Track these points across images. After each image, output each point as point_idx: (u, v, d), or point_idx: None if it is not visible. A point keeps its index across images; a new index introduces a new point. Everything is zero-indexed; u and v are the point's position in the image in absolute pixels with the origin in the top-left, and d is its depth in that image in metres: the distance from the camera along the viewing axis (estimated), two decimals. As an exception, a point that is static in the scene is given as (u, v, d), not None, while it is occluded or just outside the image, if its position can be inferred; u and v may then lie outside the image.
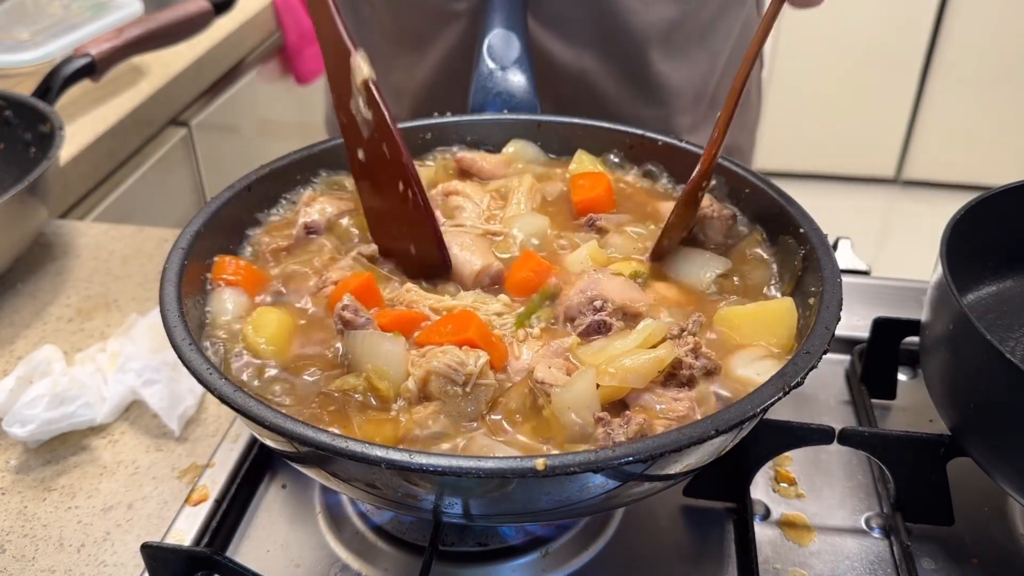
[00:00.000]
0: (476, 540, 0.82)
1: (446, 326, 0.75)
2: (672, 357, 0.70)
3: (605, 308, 0.77)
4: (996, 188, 0.89)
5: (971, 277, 0.93)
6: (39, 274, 1.22)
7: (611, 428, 0.65)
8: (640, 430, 0.64)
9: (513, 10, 1.09)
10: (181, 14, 1.53)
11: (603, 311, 0.76)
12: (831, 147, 3.66)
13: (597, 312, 0.76)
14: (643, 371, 0.69)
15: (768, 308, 0.79)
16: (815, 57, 3.48)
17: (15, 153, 1.27)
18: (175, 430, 0.95)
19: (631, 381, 0.69)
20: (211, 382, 0.66)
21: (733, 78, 0.83)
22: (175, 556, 0.76)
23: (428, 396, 0.71)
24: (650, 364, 0.69)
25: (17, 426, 0.92)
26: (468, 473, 0.58)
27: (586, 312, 0.77)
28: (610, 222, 0.92)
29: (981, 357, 0.72)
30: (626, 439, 0.64)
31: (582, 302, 0.77)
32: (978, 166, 3.55)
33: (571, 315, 0.78)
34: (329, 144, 0.99)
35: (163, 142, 1.79)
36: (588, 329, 0.76)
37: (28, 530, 0.86)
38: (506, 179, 0.99)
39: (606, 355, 0.71)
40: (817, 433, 0.82)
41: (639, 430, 0.64)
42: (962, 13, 3.35)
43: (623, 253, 0.89)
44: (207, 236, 0.84)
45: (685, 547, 0.84)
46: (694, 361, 0.71)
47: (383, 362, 0.71)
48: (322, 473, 0.69)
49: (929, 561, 0.81)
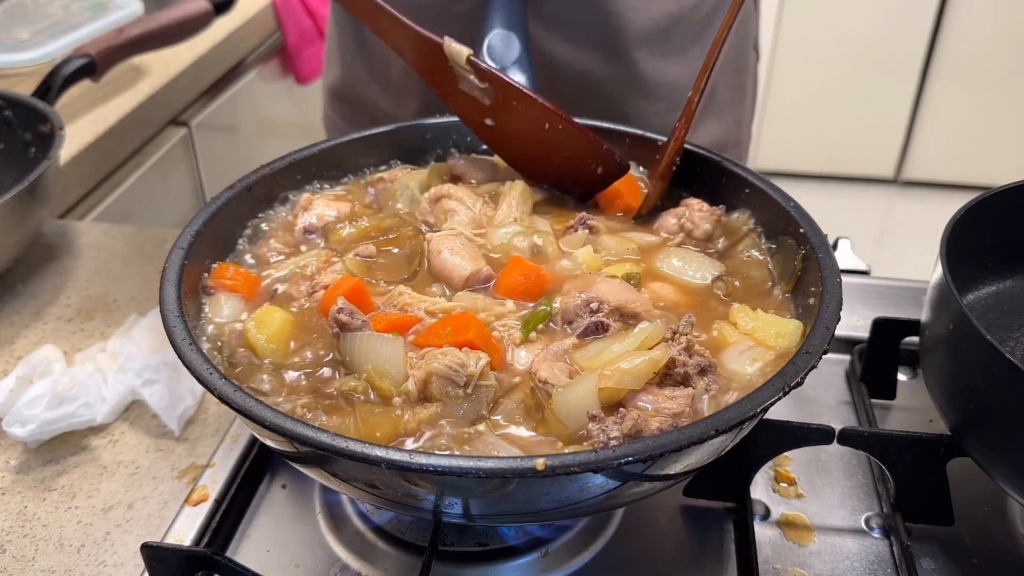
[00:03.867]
0: (476, 540, 0.82)
1: (445, 327, 0.75)
2: (667, 358, 0.70)
3: (602, 309, 0.77)
4: (996, 188, 0.89)
5: (971, 277, 0.93)
6: (39, 274, 1.22)
7: (605, 424, 0.66)
8: (635, 425, 0.65)
9: (513, 10, 1.09)
10: (181, 14, 1.53)
11: (600, 312, 0.77)
12: (831, 147, 3.66)
13: (594, 314, 0.77)
14: (639, 372, 0.69)
15: (780, 322, 0.79)
16: (815, 57, 3.48)
17: (15, 153, 1.27)
18: (175, 430, 0.95)
19: (628, 383, 0.69)
20: (211, 382, 0.66)
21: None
22: (175, 556, 0.76)
23: (428, 397, 0.71)
24: (646, 365, 0.70)
25: (17, 426, 0.92)
26: (468, 473, 0.58)
27: (583, 314, 0.77)
28: (599, 221, 0.93)
29: (981, 357, 0.72)
30: (620, 434, 0.65)
31: (579, 304, 0.78)
32: (978, 166, 3.55)
33: (568, 317, 0.78)
34: (329, 144, 0.99)
35: (163, 142, 1.79)
36: (586, 330, 0.76)
37: (28, 530, 0.86)
38: (497, 183, 0.99)
39: (603, 359, 0.72)
40: (817, 433, 0.82)
41: (633, 425, 0.65)
42: (962, 13, 3.35)
43: (617, 254, 0.89)
44: (207, 236, 0.84)
45: (685, 547, 0.84)
46: (688, 359, 0.71)
47: (383, 361, 0.71)
48: (322, 473, 0.69)
49: (929, 561, 0.81)
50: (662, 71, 1.26)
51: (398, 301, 0.81)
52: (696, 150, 0.96)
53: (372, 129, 1.02)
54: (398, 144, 1.04)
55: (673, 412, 0.68)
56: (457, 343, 0.73)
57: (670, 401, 0.69)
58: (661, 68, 1.26)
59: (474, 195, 0.96)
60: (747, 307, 0.80)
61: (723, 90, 1.36)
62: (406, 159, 1.04)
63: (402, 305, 0.80)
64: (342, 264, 0.86)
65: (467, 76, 0.92)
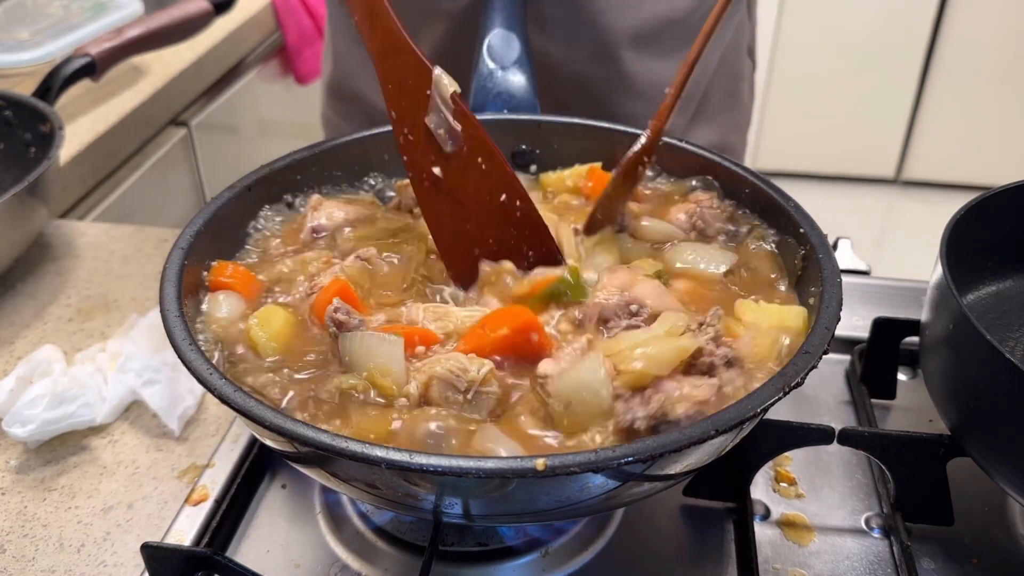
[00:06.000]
0: (476, 540, 0.82)
1: (495, 323, 0.74)
2: (696, 346, 0.69)
3: (641, 313, 0.74)
4: (996, 188, 0.89)
5: (971, 277, 0.93)
6: (39, 274, 1.22)
7: (631, 404, 0.65)
8: (661, 408, 0.64)
9: (513, 10, 1.09)
10: (181, 14, 1.53)
11: (639, 316, 0.74)
12: (831, 147, 3.66)
13: (633, 316, 0.74)
14: (667, 359, 0.68)
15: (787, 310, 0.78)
16: (815, 57, 3.48)
17: (15, 153, 1.27)
18: (175, 430, 0.95)
19: (654, 368, 0.68)
20: (211, 382, 0.66)
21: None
22: (175, 556, 0.76)
23: (429, 401, 0.70)
24: (674, 352, 0.68)
25: (17, 426, 0.92)
26: (468, 473, 0.58)
27: (622, 315, 0.75)
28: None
29: (981, 357, 0.72)
30: (646, 415, 0.64)
31: (619, 304, 0.75)
32: (978, 166, 3.55)
33: (605, 316, 0.75)
34: (329, 144, 0.99)
35: (163, 142, 1.79)
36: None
37: (28, 530, 0.86)
38: None
39: (629, 342, 0.70)
40: (817, 433, 0.82)
41: (660, 408, 0.64)
42: (962, 13, 3.35)
43: (636, 251, 0.88)
44: (207, 236, 0.84)
45: (685, 547, 0.84)
46: (715, 349, 0.70)
47: (384, 360, 0.71)
48: (322, 473, 0.69)
49: (929, 561, 0.81)
50: (654, 73, 1.26)
51: (407, 315, 0.79)
52: (696, 149, 0.95)
53: (372, 129, 1.02)
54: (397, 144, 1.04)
55: (700, 400, 0.66)
56: (512, 328, 0.72)
57: (696, 389, 0.67)
58: (653, 70, 1.26)
59: None
60: (750, 302, 0.80)
61: (717, 96, 1.36)
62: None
63: (410, 320, 0.78)
64: (339, 267, 0.86)
65: (441, 111, 0.81)
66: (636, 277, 0.78)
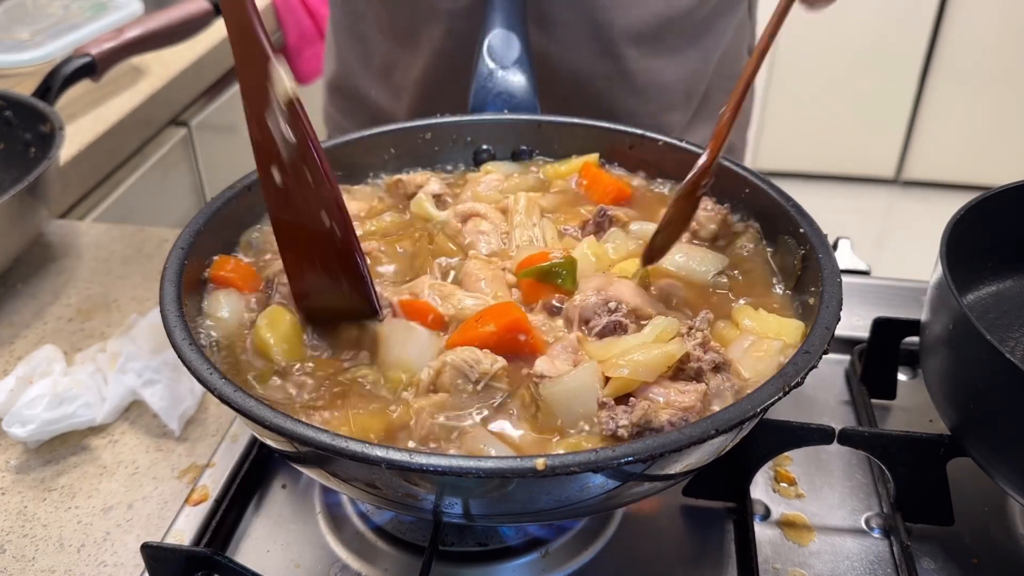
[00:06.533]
0: (476, 540, 0.82)
1: (484, 319, 0.75)
2: (683, 351, 0.70)
3: (620, 309, 0.76)
4: (996, 188, 0.89)
5: (971, 277, 0.93)
6: (39, 274, 1.22)
7: (614, 412, 0.65)
8: (644, 415, 0.65)
9: (513, 10, 1.09)
10: (181, 14, 1.53)
11: (618, 312, 0.76)
12: (831, 147, 3.66)
13: (612, 313, 0.76)
14: (653, 364, 0.69)
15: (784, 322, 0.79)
16: (815, 57, 3.48)
17: (15, 153, 1.27)
18: (175, 430, 0.95)
19: (642, 374, 0.69)
20: (211, 382, 0.66)
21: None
22: (175, 556, 0.76)
23: (437, 388, 0.71)
24: (661, 358, 0.69)
25: (17, 426, 0.92)
26: (468, 473, 0.58)
27: (601, 313, 0.76)
28: (620, 211, 0.92)
29: (981, 357, 0.72)
30: (629, 423, 0.65)
31: (596, 303, 0.77)
32: (978, 166, 3.55)
33: (586, 316, 0.77)
34: (329, 144, 0.99)
35: (163, 142, 1.80)
36: (604, 331, 0.75)
37: (28, 530, 0.86)
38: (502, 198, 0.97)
39: (618, 349, 0.72)
40: (817, 433, 0.82)
41: (643, 415, 0.65)
42: (962, 13, 3.35)
43: (625, 251, 0.88)
44: (207, 236, 0.84)
45: (685, 547, 0.84)
46: (703, 355, 0.71)
47: (416, 353, 0.73)
48: (322, 473, 0.69)
49: (929, 561, 0.81)
50: (653, 71, 1.26)
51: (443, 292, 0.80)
52: (695, 149, 0.95)
53: (372, 129, 1.02)
54: (397, 144, 1.04)
55: (684, 406, 0.67)
56: (499, 326, 0.73)
57: (681, 395, 0.68)
58: (652, 68, 1.26)
59: (498, 212, 0.94)
60: (749, 307, 0.80)
61: (717, 95, 1.36)
62: (406, 160, 1.04)
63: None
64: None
65: (276, 113, 0.72)
66: (611, 279, 0.81)
